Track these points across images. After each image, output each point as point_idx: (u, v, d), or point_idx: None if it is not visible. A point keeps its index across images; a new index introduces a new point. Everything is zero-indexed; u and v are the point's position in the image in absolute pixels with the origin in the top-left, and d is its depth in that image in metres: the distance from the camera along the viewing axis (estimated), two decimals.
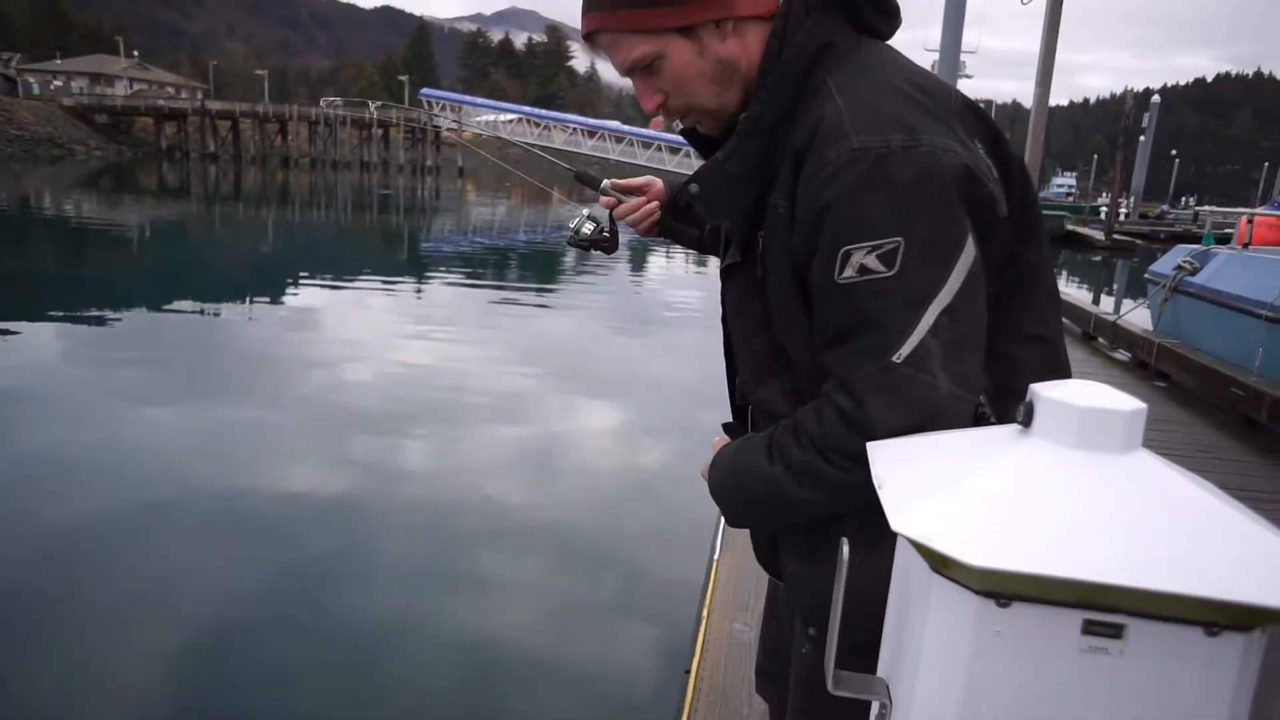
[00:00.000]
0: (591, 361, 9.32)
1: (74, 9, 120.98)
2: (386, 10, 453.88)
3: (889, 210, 0.88)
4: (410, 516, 5.13)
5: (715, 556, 1.99)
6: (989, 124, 1.00)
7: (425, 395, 7.65)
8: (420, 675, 3.50)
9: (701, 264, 20.55)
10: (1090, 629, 0.59)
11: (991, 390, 0.98)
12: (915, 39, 32.09)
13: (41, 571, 4.25)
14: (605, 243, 1.47)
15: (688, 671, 1.73)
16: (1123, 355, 7.08)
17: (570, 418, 7.31)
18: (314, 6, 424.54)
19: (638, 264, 19.93)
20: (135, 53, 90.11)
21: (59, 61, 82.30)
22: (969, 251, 0.89)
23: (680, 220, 1.43)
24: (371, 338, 10.03)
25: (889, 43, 1.07)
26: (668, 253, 22.37)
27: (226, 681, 3.41)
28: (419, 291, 14.19)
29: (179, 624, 3.81)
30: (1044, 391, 0.65)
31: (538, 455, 6.32)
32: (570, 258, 20.40)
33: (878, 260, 0.88)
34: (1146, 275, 8.16)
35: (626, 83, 1.10)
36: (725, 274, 1.16)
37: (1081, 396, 0.64)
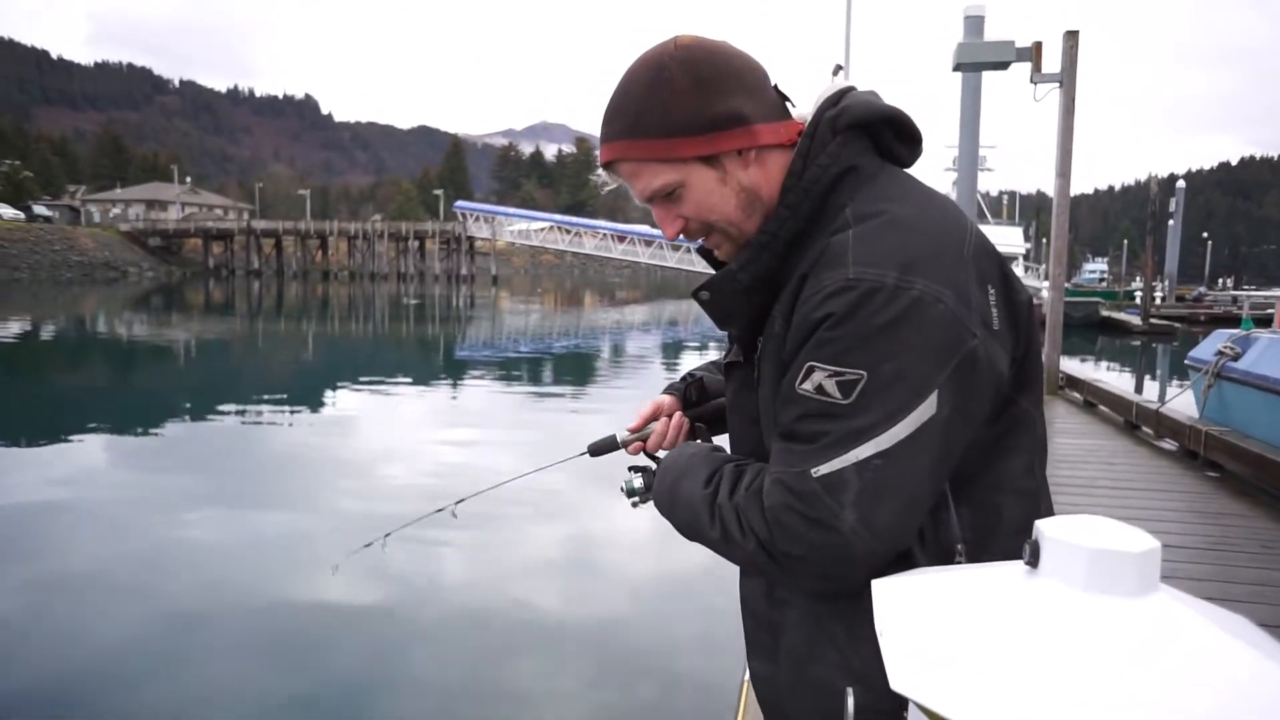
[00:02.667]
0: (624, 462, 9.26)
1: (134, 144, 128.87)
2: (423, 129, 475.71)
3: (862, 343, 0.89)
4: (444, 624, 5.07)
5: (745, 677, 1.90)
6: (1002, 267, 1.00)
7: (458, 493, 7.60)
8: None
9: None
10: None
11: (970, 539, 0.97)
12: (934, 138, 32.72)
13: (80, 685, 4.21)
14: None
15: None
16: (1169, 445, 6.86)
17: (606, 517, 7.23)
18: (354, 129, 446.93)
19: (669, 360, 20.02)
20: (188, 179, 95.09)
21: (119, 190, 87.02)
22: (929, 407, 0.88)
23: (702, 403, 1.41)
24: (407, 442, 10.10)
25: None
26: (700, 354, 22.47)
27: None
28: (454, 396, 14.34)
29: None
30: (1050, 530, 0.62)
31: (574, 556, 6.25)
32: (604, 360, 20.59)
33: (836, 386, 0.89)
34: (1187, 361, 7.98)
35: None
36: (726, 371, 1.19)
37: (1090, 535, 0.60)
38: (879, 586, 0.75)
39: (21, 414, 12.11)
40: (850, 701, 0.65)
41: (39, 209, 67.20)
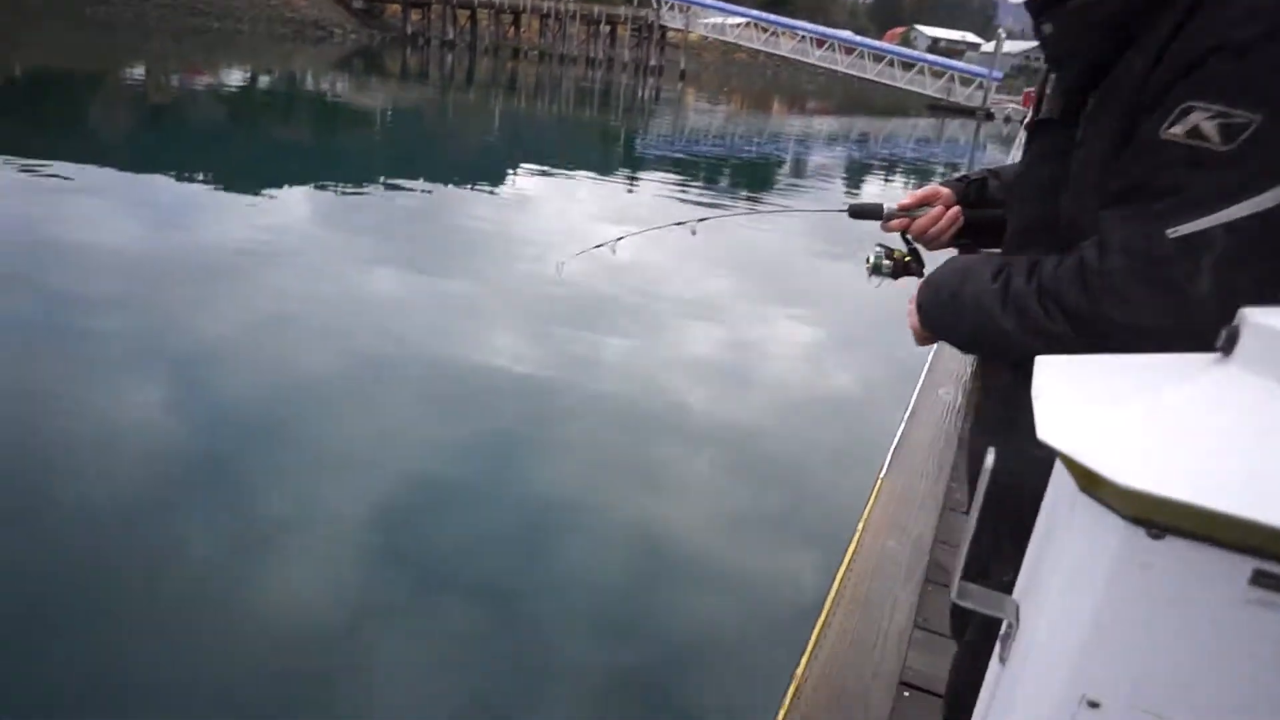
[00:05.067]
0: (793, 276, 9.17)
1: None
2: None
3: (1265, 80, 0.75)
4: (598, 402, 5.38)
5: (881, 475, 1.95)
6: None
7: (625, 289, 7.86)
8: (587, 556, 3.72)
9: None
10: (1261, 580, 0.53)
11: None
12: None
13: (264, 412, 4.86)
14: (911, 268, 1.37)
15: (832, 579, 1.73)
16: None
17: (763, 328, 7.29)
18: None
19: (852, 177, 19.13)
20: None
21: None
22: None
23: (979, 207, 1.29)
24: (579, 229, 10.36)
25: None
26: (885, 179, 21.34)
27: (412, 531, 3.79)
28: (630, 189, 14.40)
29: (377, 474, 4.24)
30: (1255, 317, 0.57)
31: (726, 360, 6.39)
32: (784, 172, 19.92)
33: (1216, 129, 0.76)
34: None
35: None
36: (1032, 133, 1.08)
37: None
38: (1041, 361, 0.73)
39: (236, 161, 13.22)
40: (990, 460, 0.65)
41: None
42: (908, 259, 1.33)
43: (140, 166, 11.26)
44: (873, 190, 18.36)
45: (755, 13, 70.38)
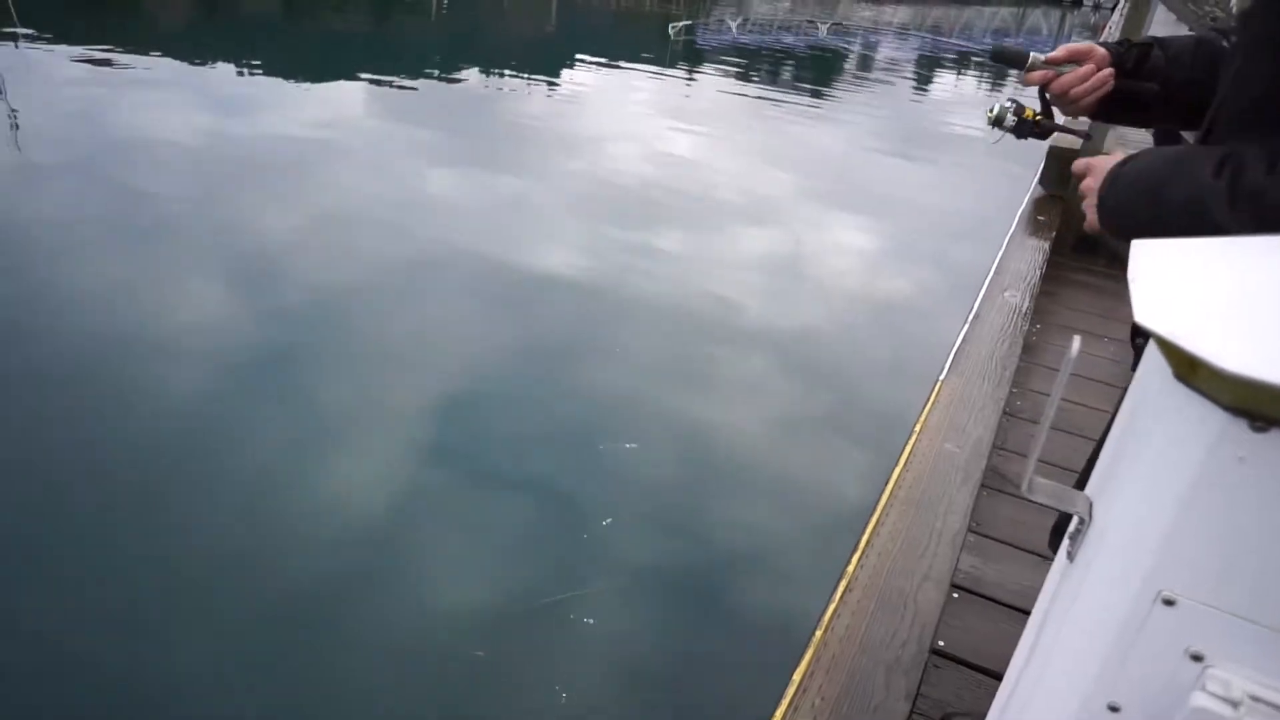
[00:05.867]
0: (855, 176, 8.86)
1: None
2: None
3: None
4: (651, 304, 5.34)
5: (941, 377, 1.90)
6: None
7: (681, 188, 7.71)
8: (639, 456, 3.75)
9: (998, 88, 18.53)
10: None
11: None
12: None
13: (320, 293, 4.94)
14: (1038, 127, 1.24)
15: (887, 480, 1.72)
16: None
17: (822, 230, 7.12)
18: None
19: (922, 72, 18.25)
20: None
21: None
22: None
23: (1135, 76, 1.15)
24: (637, 125, 10.13)
25: None
26: (958, 74, 20.31)
27: (465, 429, 3.86)
28: (688, 82, 13.97)
29: (430, 372, 4.31)
30: None
31: (782, 263, 6.27)
32: (849, 66, 19.08)
33: None
34: None
35: None
36: (1243, 21, 0.97)
37: None
38: (1138, 244, 0.68)
39: (292, 52, 13.11)
40: (1075, 345, 0.61)
41: None
42: (1038, 118, 1.21)
43: (196, 58, 11.24)
44: (945, 83, 17.48)
45: None
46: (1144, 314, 0.52)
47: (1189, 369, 0.51)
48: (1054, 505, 0.66)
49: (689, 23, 23.59)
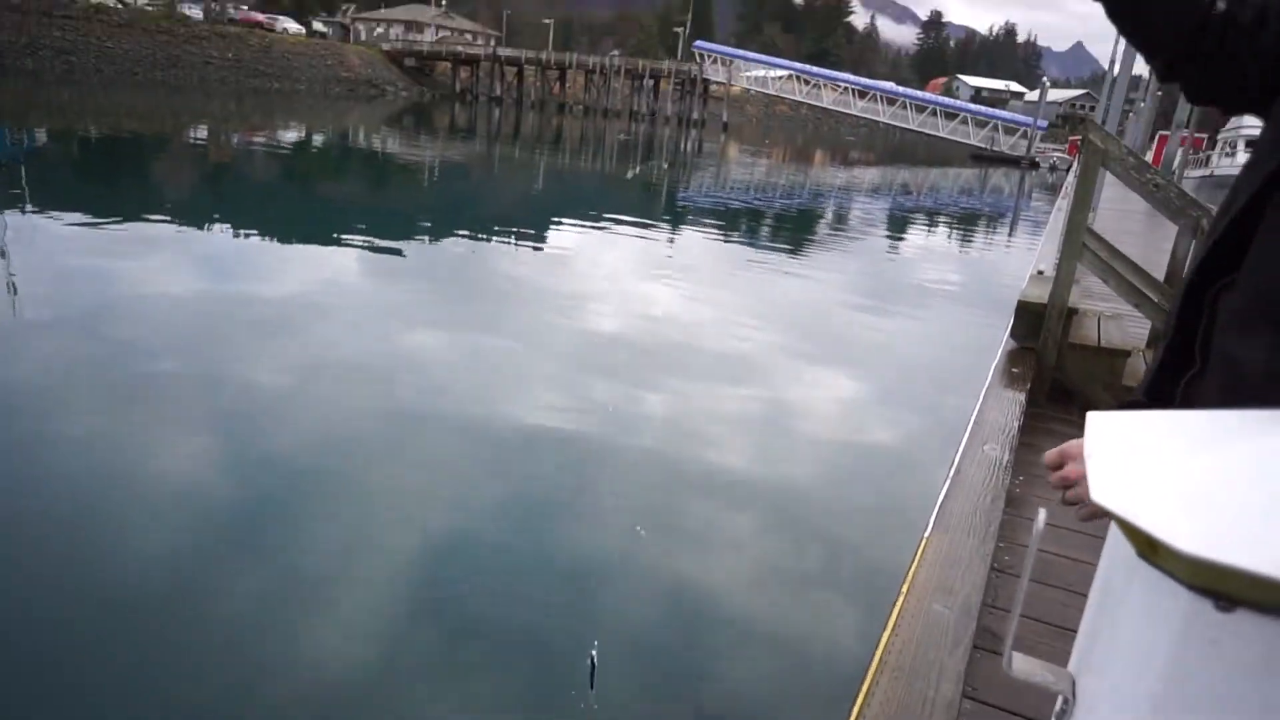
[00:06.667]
0: (833, 330, 9.10)
1: None
2: None
3: None
4: (635, 458, 5.32)
5: (926, 534, 1.88)
6: None
7: (664, 343, 7.86)
8: (625, 614, 3.65)
9: (966, 243, 19.31)
10: None
11: None
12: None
13: (306, 449, 4.91)
14: None
15: (875, 644, 1.66)
16: None
17: (802, 383, 7.21)
18: None
19: (894, 230, 19.04)
20: (443, 2, 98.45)
21: (382, 10, 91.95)
22: None
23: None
24: (620, 282, 10.44)
25: None
26: (928, 230, 21.26)
27: (452, 584, 3.76)
28: (671, 240, 14.51)
29: (418, 527, 4.24)
30: None
31: (764, 415, 6.31)
32: (825, 223, 19.91)
33: None
34: None
35: (907, 41, 0.96)
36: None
37: None
38: (1094, 417, 0.69)
39: (290, 216, 13.63)
40: (1041, 521, 0.61)
41: (317, 25, 72.80)
42: None
43: (201, 222, 11.65)
44: (916, 238, 18.23)
45: (798, 65, 71.31)
46: (1100, 492, 0.53)
47: (1149, 548, 0.51)
48: (1036, 683, 0.64)
49: (647, 165, 24.81)
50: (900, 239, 18.17)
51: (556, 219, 15.52)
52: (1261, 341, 0.73)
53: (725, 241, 15.22)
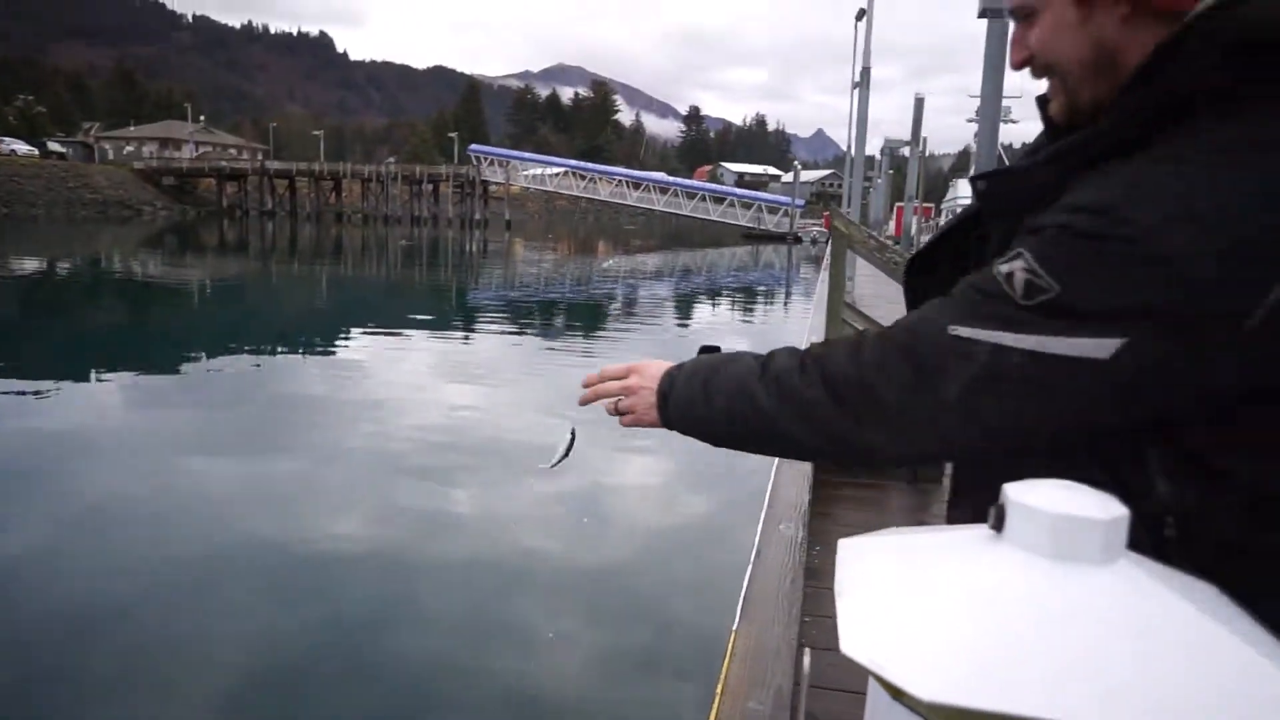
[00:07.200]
0: None
1: (147, 81, 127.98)
2: (438, 70, 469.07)
3: (1077, 265, 0.77)
4: (451, 565, 5.16)
5: (734, 627, 1.92)
6: None
7: (469, 443, 7.71)
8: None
9: (748, 315, 20.48)
10: None
11: (1190, 513, 0.84)
12: (959, 84, 32.04)
13: (94, 615, 4.31)
14: None
15: None
16: None
17: (612, 466, 7.28)
18: (369, 69, 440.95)
19: (681, 311, 19.92)
20: (202, 117, 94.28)
21: (132, 128, 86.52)
22: (1103, 349, 0.77)
23: None
24: (417, 387, 10.16)
25: None
26: (712, 305, 22.37)
27: None
28: (465, 341, 14.38)
29: (224, 669, 3.82)
30: (1016, 495, 0.59)
31: (578, 504, 6.31)
32: (615, 309, 20.49)
33: (1024, 284, 0.79)
34: None
35: (672, 134, 1.03)
36: (909, 278, 1.08)
37: (1057, 501, 0.58)
38: (844, 546, 0.74)
39: (39, 352, 12.22)
40: (806, 662, 0.63)
41: (54, 146, 67.11)
42: None
43: None
44: (702, 313, 19.15)
45: (572, 162, 74.20)
46: (848, 643, 0.56)
47: (896, 693, 0.54)
48: None
49: (434, 268, 24.67)
50: (687, 317, 19.04)
51: (344, 330, 14.95)
52: (897, 373, 0.86)
53: (520, 335, 15.29)
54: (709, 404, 1.00)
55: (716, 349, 1.11)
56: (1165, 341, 0.76)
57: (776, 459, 3.64)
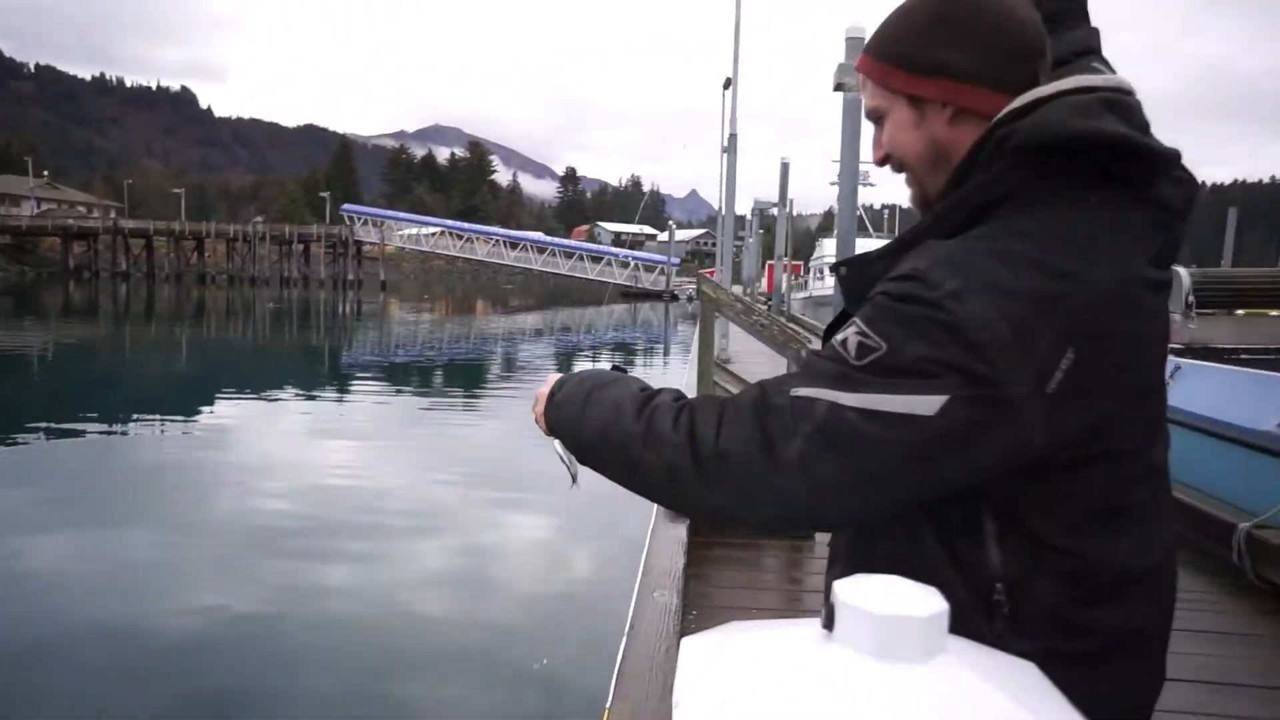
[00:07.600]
0: (512, 470, 9.10)
1: None
2: (309, 128, 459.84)
3: (896, 324, 0.85)
4: (330, 640, 4.89)
5: (608, 705, 1.87)
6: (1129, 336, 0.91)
7: (345, 510, 7.39)
8: None
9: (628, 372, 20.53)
10: None
11: (1016, 580, 0.91)
12: (821, 149, 33.85)
13: None
14: None
15: None
16: None
17: (493, 527, 7.17)
18: (235, 125, 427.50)
19: (563, 371, 19.88)
20: (45, 172, 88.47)
21: None
22: (930, 406, 0.82)
23: None
24: (289, 454, 9.70)
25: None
26: (593, 360, 22.47)
27: None
28: (339, 405, 13.87)
29: None
30: (843, 593, 0.61)
31: (459, 567, 6.17)
32: (496, 368, 20.27)
33: (856, 345, 0.86)
34: None
35: (549, 194, 1.04)
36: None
37: (881, 599, 0.59)
38: (686, 646, 0.73)
39: None
40: None
41: None
42: None
43: None
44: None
45: (448, 222, 73.66)
46: None
47: None
48: None
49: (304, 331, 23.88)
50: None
51: (207, 397, 14.11)
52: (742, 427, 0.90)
53: (396, 397, 14.88)
54: (585, 411, 1.04)
55: (624, 370, 1.15)
56: (979, 401, 0.82)
57: (651, 522, 3.64)
